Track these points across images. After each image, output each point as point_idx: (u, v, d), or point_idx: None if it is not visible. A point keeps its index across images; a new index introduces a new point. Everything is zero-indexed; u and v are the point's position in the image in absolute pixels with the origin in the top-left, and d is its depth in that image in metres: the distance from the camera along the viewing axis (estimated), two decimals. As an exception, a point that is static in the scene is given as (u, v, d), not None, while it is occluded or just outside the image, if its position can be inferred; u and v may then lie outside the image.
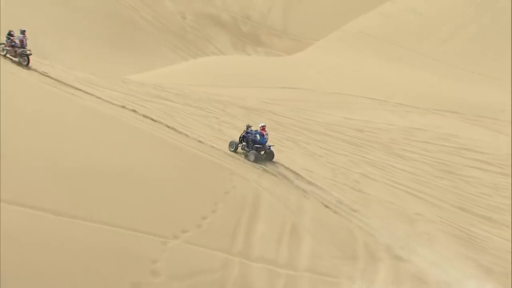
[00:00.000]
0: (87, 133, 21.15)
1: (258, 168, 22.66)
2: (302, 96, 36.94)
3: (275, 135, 26.64)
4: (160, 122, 24.09)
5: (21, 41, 25.67)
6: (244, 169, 22.37)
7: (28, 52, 25.67)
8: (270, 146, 23.28)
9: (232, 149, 23.25)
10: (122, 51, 59.27)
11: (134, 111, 24.08)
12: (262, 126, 23.40)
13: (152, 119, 24.02)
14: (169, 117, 25.33)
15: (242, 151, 23.29)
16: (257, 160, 22.87)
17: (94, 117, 22.53)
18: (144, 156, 21.02)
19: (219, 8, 78.00)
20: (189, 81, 38.44)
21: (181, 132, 23.82)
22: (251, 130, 23.42)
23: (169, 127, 23.84)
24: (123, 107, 24.26)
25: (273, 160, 23.26)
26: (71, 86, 24.93)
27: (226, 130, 25.66)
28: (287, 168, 23.30)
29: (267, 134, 23.20)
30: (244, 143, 23.25)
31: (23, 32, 26.02)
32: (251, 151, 22.97)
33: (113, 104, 24.38)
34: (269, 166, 22.82)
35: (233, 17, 76.65)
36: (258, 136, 23.12)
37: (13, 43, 25.63)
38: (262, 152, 23.08)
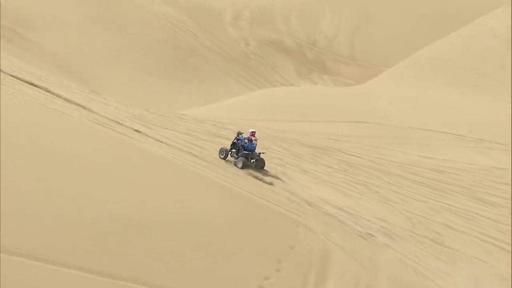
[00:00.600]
0: (136, 178, 19.68)
1: (325, 218, 20.78)
2: (373, 131, 34.83)
3: (342, 178, 24.71)
4: (218, 166, 22.53)
5: None
6: (310, 219, 20.51)
7: None
8: (260, 153, 23.27)
9: (222, 157, 23.32)
10: (183, 81, 58.54)
11: (191, 153, 22.60)
12: (252, 132, 23.45)
13: (210, 162, 22.49)
14: (228, 159, 23.78)
15: (232, 158, 23.26)
16: (245, 167, 22.80)
17: (146, 160, 21.13)
18: (199, 205, 19.39)
19: (283, 33, 76.98)
20: (251, 114, 36.97)
21: (240, 176, 22.19)
22: (242, 137, 23.42)
23: (227, 171, 22.26)
24: (179, 148, 22.82)
25: (264, 168, 23.22)
26: (123, 125, 23.71)
27: (291, 173, 23.85)
28: (358, 217, 21.30)
29: (256, 140, 23.26)
30: (234, 150, 23.27)
31: None
32: (239, 158, 22.95)
33: (168, 145, 22.99)
34: (337, 217, 20.88)
35: (298, 43, 75.46)
36: (247, 142, 23.17)
37: None
38: (252, 160, 23.13)
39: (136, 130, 23.30)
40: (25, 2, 58.85)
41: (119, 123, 23.71)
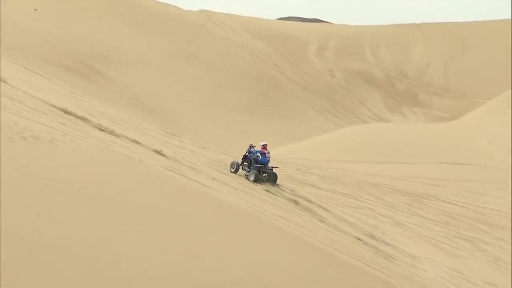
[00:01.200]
0: (208, 233, 18.20)
1: (423, 281, 18.69)
2: (473, 175, 32.31)
3: (442, 232, 22.54)
4: (302, 217, 20.86)
5: None
6: (405, 281, 18.51)
7: None
8: (272, 167, 23.09)
9: (233, 170, 23.30)
10: (264, 116, 57.38)
11: (273, 204, 21.02)
12: (264, 145, 23.19)
13: (293, 213, 20.84)
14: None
15: (243, 171, 23.10)
16: (257, 180, 22.66)
17: (221, 212, 19.68)
18: (278, 264, 17.64)
19: (371, 64, 75.23)
20: (338, 155, 35.14)
21: (325, 230, 20.44)
22: (253, 150, 23.27)
23: (309, 222, 20.53)
24: (259, 198, 21.29)
25: (276, 182, 22.99)
26: (200, 171, 22.43)
27: (383, 226, 21.90)
28: (463, 281, 19.11)
29: (268, 153, 23.09)
30: (246, 163, 23.16)
31: None
32: (251, 171, 22.80)
33: (246, 193, 21.50)
34: (437, 280, 18.73)
35: (387, 74, 73.43)
36: (259, 155, 22.96)
37: None
38: (265, 175, 22.97)
39: (214, 179, 21.95)
40: (103, 36, 59.31)
41: (195, 169, 22.45)
